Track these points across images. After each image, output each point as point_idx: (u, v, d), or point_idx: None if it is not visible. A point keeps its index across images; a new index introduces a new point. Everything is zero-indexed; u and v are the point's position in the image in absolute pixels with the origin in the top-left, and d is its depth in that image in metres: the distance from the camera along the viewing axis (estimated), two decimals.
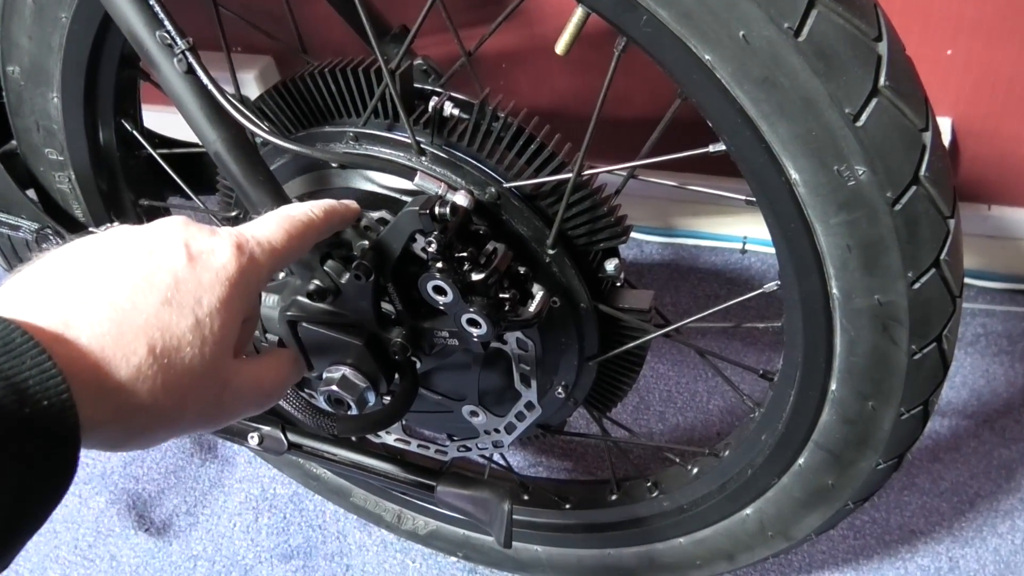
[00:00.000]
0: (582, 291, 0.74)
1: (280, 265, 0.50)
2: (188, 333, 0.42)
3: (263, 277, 0.48)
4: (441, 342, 0.72)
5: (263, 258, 0.47)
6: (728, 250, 1.48)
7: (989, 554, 1.08)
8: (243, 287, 0.45)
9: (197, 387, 0.43)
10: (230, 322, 0.44)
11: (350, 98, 0.73)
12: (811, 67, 0.54)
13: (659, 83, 1.11)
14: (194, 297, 0.43)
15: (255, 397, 0.49)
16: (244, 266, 0.46)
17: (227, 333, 0.44)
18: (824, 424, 0.74)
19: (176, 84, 0.64)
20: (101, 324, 0.39)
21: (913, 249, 0.60)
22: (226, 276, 0.44)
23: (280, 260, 0.49)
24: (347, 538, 1.20)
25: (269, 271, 0.48)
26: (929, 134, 0.57)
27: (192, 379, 0.42)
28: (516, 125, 0.71)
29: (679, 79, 0.60)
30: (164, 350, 0.41)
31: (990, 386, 1.24)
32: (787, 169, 0.59)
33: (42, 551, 1.22)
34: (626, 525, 0.97)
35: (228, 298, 0.44)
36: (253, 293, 0.47)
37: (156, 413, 0.41)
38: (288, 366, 0.54)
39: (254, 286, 0.47)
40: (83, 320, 0.39)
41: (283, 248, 0.50)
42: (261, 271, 0.47)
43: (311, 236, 0.53)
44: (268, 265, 0.48)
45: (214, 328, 0.43)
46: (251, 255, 0.47)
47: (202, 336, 0.42)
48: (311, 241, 0.54)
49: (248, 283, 0.46)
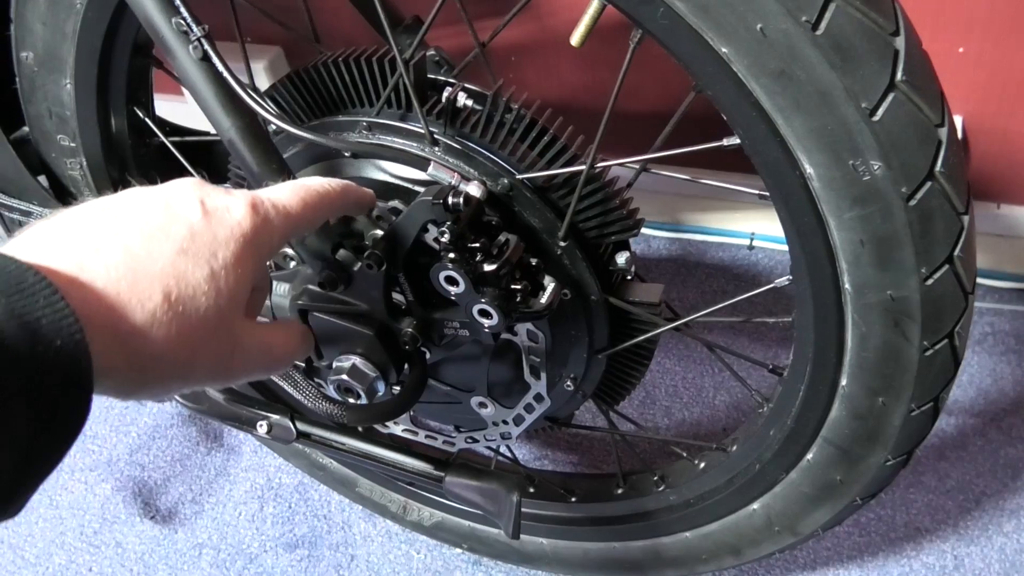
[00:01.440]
0: (593, 283, 0.74)
1: (293, 231, 0.50)
2: (203, 283, 0.42)
3: (276, 239, 0.48)
4: (451, 333, 0.72)
5: (277, 220, 0.47)
6: (736, 246, 1.48)
7: (994, 552, 1.08)
8: (256, 246, 0.45)
9: (210, 339, 0.42)
10: (243, 279, 0.44)
11: (363, 88, 0.73)
12: (828, 61, 0.54)
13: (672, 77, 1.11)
14: (209, 249, 0.43)
15: (264, 360, 0.49)
16: (258, 225, 0.46)
17: (240, 289, 0.44)
18: (833, 419, 0.74)
19: (191, 71, 0.64)
20: (116, 269, 0.39)
21: (927, 245, 0.60)
22: (240, 233, 0.44)
23: (293, 226, 0.49)
24: (352, 528, 1.20)
25: (282, 235, 0.48)
26: (945, 129, 0.57)
27: (206, 330, 0.42)
28: (529, 117, 0.71)
29: (694, 72, 0.60)
30: (179, 298, 0.40)
31: (997, 385, 1.24)
32: (802, 163, 0.59)
33: (48, 537, 1.23)
34: (632, 519, 0.97)
35: (242, 255, 0.44)
36: (265, 254, 0.47)
37: (169, 361, 0.41)
38: (298, 338, 0.54)
39: (266, 247, 0.47)
40: (98, 264, 0.39)
41: (297, 214, 0.49)
42: (274, 233, 0.47)
43: (325, 208, 0.53)
44: (281, 228, 0.48)
45: (228, 281, 0.43)
46: (265, 215, 0.47)
47: (216, 288, 0.42)
48: (325, 213, 0.54)
49: (261, 243, 0.46)
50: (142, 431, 1.35)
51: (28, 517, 1.26)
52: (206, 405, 0.85)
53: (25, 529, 1.24)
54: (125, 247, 0.40)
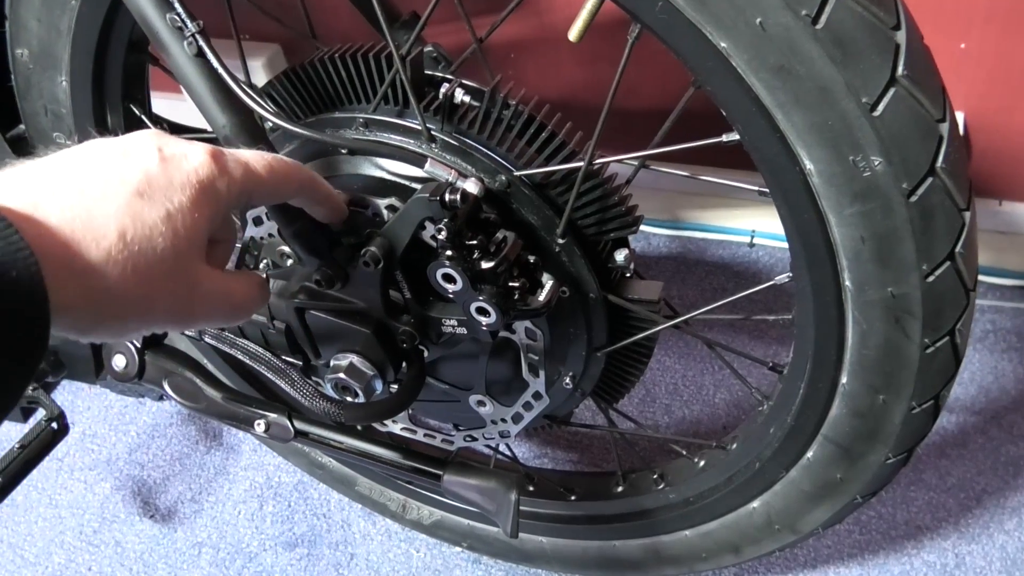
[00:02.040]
0: (591, 281, 0.73)
1: (254, 188, 0.49)
2: (159, 224, 0.42)
3: (235, 191, 0.48)
4: (449, 331, 0.71)
5: (237, 173, 0.48)
6: (736, 243, 1.47)
7: (996, 551, 1.07)
8: (214, 193, 0.46)
9: (167, 279, 0.43)
10: (200, 223, 0.45)
11: (360, 84, 0.73)
12: (828, 55, 0.53)
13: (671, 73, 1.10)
14: (165, 193, 0.43)
15: (224, 307, 0.49)
16: (216, 174, 0.46)
17: (198, 234, 0.44)
18: (834, 417, 0.73)
19: (186, 67, 0.63)
20: (71, 209, 0.40)
21: (928, 241, 0.59)
22: (197, 179, 0.45)
23: (255, 183, 0.49)
24: (351, 527, 1.20)
25: (242, 188, 0.48)
26: (946, 125, 0.57)
27: (162, 269, 0.42)
28: (527, 113, 0.71)
29: (693, 67, 0.59)
30: (135, 237, 0.41)
31: (998, 382, 1.24)
32: (802, 159, 0.58)
33: (47, 536, 1.22)
34: (632, 517, 0.97)
35: (198, 199, 0.44)
36: (224, 203, 0.47)
37: (125, 299, 0.41)
38: (257, 288, 0.54)
39: (225, 197, 0.47)
40: (53, 204, 0.39)
41: (259, 174, 0.50)
42: (233, 184, 0.47)
43: (292, 181, 0.53)
44: (241, 181, 0.48)
45: (185, 224, 0.43)
46: (225, 166, 0.47)
47: (173, 229, 0.43)
48: (290, 186, 0.54)
49: (219, 191, 0.46)
50: (141, 430, 1.35)
51: (27, 516, 1.25)
52: (204, 404, 0.85)
53: (24, 528, 1.24)
54: (80, 189, 0.41)
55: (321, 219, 0.61)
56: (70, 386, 1.41)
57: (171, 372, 0.84)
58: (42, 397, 1.09)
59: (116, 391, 1.38)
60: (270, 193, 0.52)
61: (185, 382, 0.83)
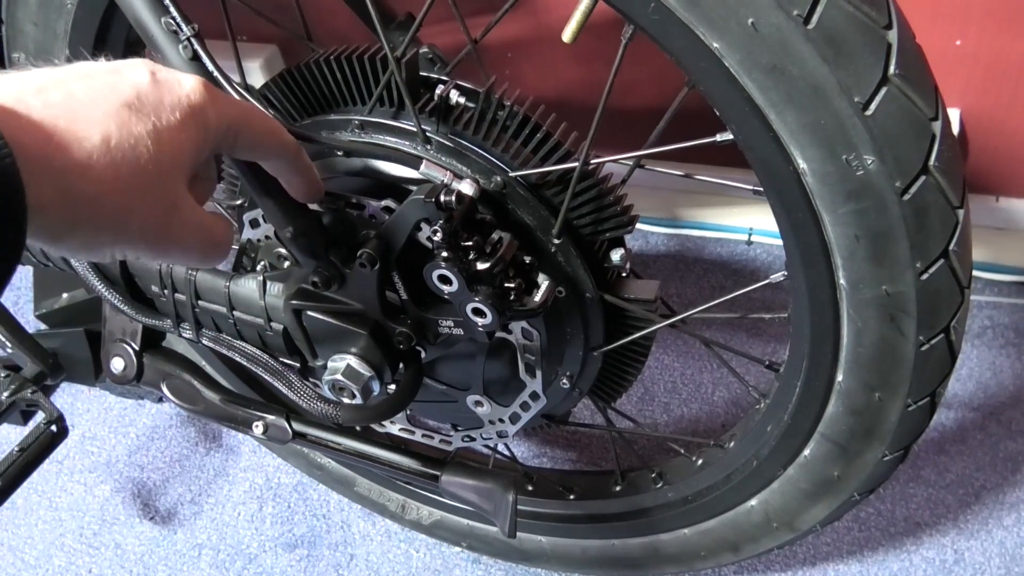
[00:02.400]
0: (587, 281, 0.73)
1: (241, 127, 0.49)
2: (145, 137, 0.42)
3: (223, 125, 0.47)
4: (446, 331, 0.72)
5: (226, 107, 0.47)
6: (734, 241, 1.47)
7: (995, 547, 1.08)
8: (203, 119, 0.45)
9: (146, 192, 0.42)
10: (187, 146, 0.44)
11: (355, 86, 0.73)
12: (820, 55, 0.53)
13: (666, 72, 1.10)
14: (154, 109, 0.43)
15: (201, 239, 0.48)
16: (206, 101, 0.45)
17: (184, 155, 0.44)
18: (830, 415, 0.73)
19: (181, 71, 0.63)
20: (56, 107, 0.39)
21: (922, 239, 0.59)
22: (187, 103, 0.44)
23: (243, 123, 0.49)
24: (351, 528, 1.20)
25: (230, 123, 0.48)
26: (939, 123, 0.57)
27: (143, 182, 0.42)
28: (522, 114, 0.71)
29: (686, 67, 0.59)
30: (118, 145, 0.40)
31: (996, 378, 1.24)
32: (795, 158, 0.58)
33: (47, 539, 1.23)
34: (631, 516, 0.97)
35: (186, 122, 0.44)
36: (212, 133, 0.46)
37: (102, 205, 0.40)
38: (231, 230, 0.52)
39: (214, 127, 0.46)
40: (37, 100, 0.39)
41: (248, 114, 0.50)
42: (223, 117, 0.47)
43: (277, 135, 0.53)
44: (231, 116, 0.48)
45: (172, 142, 0.43)
46: (216, 96, 0.47)
47: (158, 144, 0.42)
48: (275, 138, 0.53)
49: (208, 118, 0.46)
50: (141, 432, 1.35)
51: (27, 519, 1.26)
52: (202, 406, 0.85)
53: (24, 531, 1.24)
54: (68, 91, 0.40)
55: (297, 192, 0.59)
56: (69, 388, 1.41)
57: (169, 374, 0.84)
58: (41, 400, 1.09)
59: (116, 393, 1.38)
60: (255, 139, 0.51)
61: (183, 384, 0.84)
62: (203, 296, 0.77)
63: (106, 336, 0.87)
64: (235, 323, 0.76)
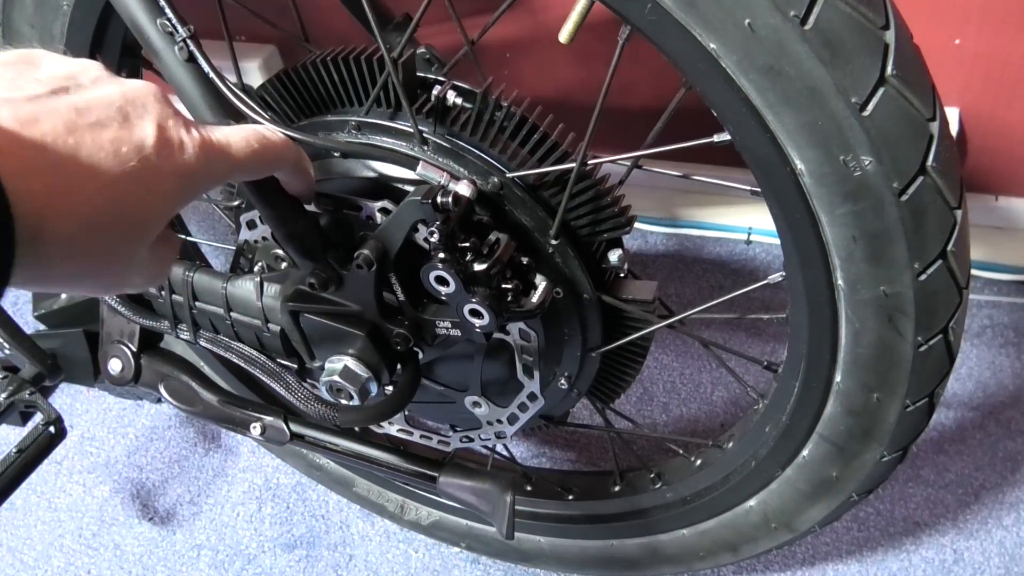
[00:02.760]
0: (585, 282, 0.73)
1: (232, 174, 0.50)
2: (133, 209, 0.41)
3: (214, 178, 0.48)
4: (443, 333, 0.71)
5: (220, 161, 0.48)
6: (733, 241, 1.47)
7: (994, 546, 1.07)
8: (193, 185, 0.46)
9: (114, 259, 0.42)
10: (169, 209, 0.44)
11: (352, 87, 0.73)
12: (817, 56, 0.53)
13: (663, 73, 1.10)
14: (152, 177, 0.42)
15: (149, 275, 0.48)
16: (204, 164, 0.46)
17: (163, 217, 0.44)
18: (828, 416, 0.73)
19: (177, 72, 0.63)
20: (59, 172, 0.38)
21: (919, 240, 0.59)
22: (186, 170, 0.45)
23: (233, 169, 0.50)
24: (350, 528, 1.20)
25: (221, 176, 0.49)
26: (936, 124, 0.57)
27: (119, 252, 0.42)
28: (519, 115, 0.71)
29: (683, 68, 0.59)
30: (103, 220, 0.40)
31: (996, 378, 1.24)
32: (792, 159, 0.58)
33: (46, 540, 1.23)
34: (629, 516, 0.97)
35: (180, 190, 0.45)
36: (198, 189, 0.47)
37: (68, 274, 0.40)
38: (174, 251, 0.53)
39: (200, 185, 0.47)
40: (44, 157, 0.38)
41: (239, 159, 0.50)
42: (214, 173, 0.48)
43: (269, 156, 0.53)
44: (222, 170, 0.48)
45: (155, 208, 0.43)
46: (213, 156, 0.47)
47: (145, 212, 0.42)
48: (267, 160, 0.54)
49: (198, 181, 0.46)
50: (139, 433, 1.35)
51: (26, 520, 1.26)
52: (200, 407, 0.85)
53: (23, 532, 1.24)
54: (75, 147, 0.39)
55: (294, 190, 0.61)
56: (68, 389, 1.41)
57: (167, 376, 0.84)
58: (40, 401, 1.09)
59: (114, 394, 1.38)
60: (247, 173, 0.53)
61: (181, 385, 0.84)
62: (200, 297, 0.77)
63: (104, 337, 0.87)
64: (232, 324, 0.76)
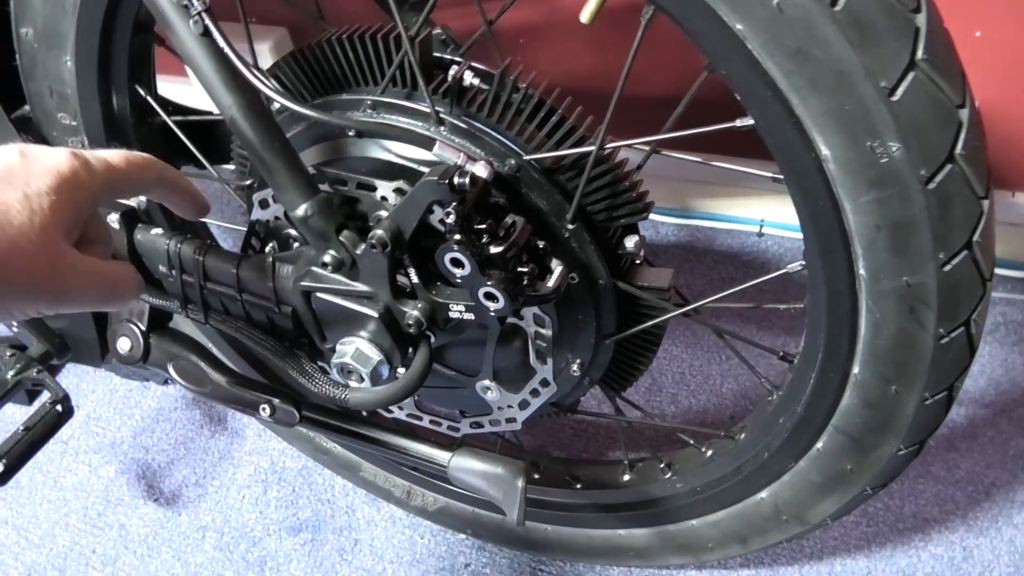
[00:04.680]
0: (601, 267, 0.72)
1: (116, 180, 0.53)
2: (16, 203, 0.46)
3: (96, 183, 0.51)
4: (456, 316, 0.71)
5: (97, 166, 0.51)
6: (745, 233, 1.46)
7: (1004, 544, 1.07)
8: (74, 183, 0.49)
9: (25, 253, 0.46)
10: (62, 205, 0.48)
11: (368, 66, 0.72)
12: (846, 38, 0.52)
13: (682, 59, 1.09)
14: (23, 179, 0.47)
15: (97, 284, 0.52)
16: (76, 167, 0.50)
17: (60, 215, 0.48)
18: (845, 408, 0.72)
19: (191, 47, 0.62)
20: None
21: (945, 230, 0.58)
22: (56, 170, 0.49)
23: (117, 176, 0.53)
24: (356, 513, 1.19)
25: (104, 181, 0.52)
26: (966, 111, 0.56)
27: (21, 243, 0.46)
28: (537, 97, 0.70)
29: (708, 50, 0.58)
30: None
31: (1008, 375, 1.22)
32: (817, 145, 0.57)
33: (52, 518, 1.23)
34: (638, 506, 0.96)
35: (58, 186, 0.48)
36: (87, 194, 0.50)
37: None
38: (132, 274, 0.57)
39: (87, 188, 0.50)
40: None
41: (120, 168, 0.53)
42: (95, 176, 0.51)
43: (152, 170, 0.57)
44: (103, 174, 0.52)
45: (44, 205, 0.47)
46: (84, 161, 0.50)
47: (31, 208, 0.47)
48: (150, 174, 0.57)
49: (80, 182, 0.50)
50: (146, 414, 1.35)
51: (32, 498, 1.25)
52: (209, 388, 0.84)
53: (29, 510, 1.24)
54: None
55: (182, 213, 0.62)
56: (75, 369, 1.41)
57: (176, 356, 0.83)
58: (47, 379, 1.09)
59: (121, 375, 1.37)
60: (132, 183, 0.56)
61: (190, 366, 0.83)
62: (211, 277, 0.76)
63: (113, 316, 0.86)
64: (244, 305, 0.75)
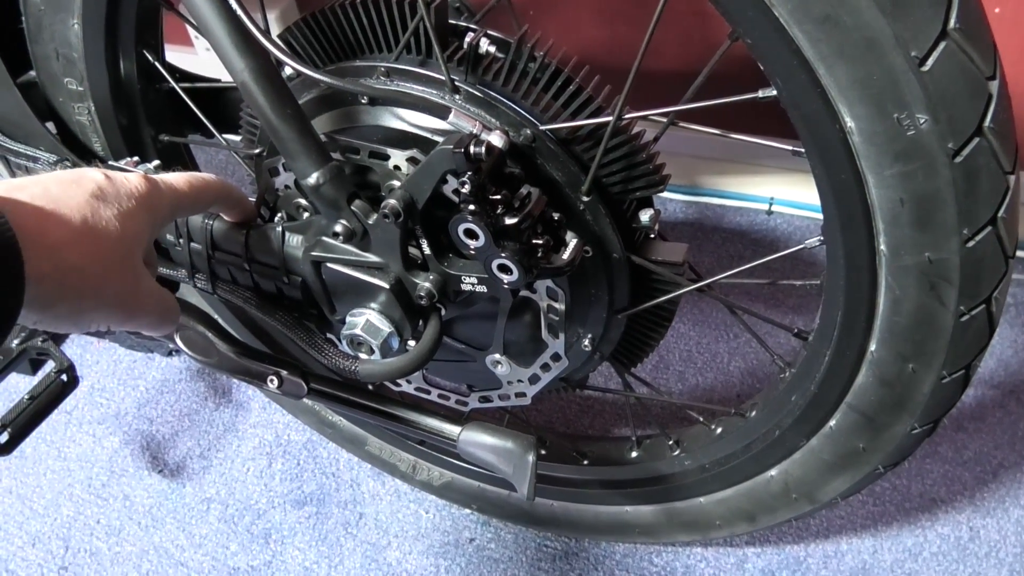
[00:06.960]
0: (615, 241, 0.71)
1: (180, 200, 0.60)
2: (112, 219, 0.51)
3: (165, 205, 0.58)
4: (468, 288, 0.70)
5: (166, 190, 0.58)
6: (754, 211, 1.45)
7: (1011, 525, 1.06)
8: (150, 204, 0.55)
9: (118, 264, 0.51)
10: (142, 227, 0.54)
11: (382, 32, 0.70)
12: (878, 5, 0.50)
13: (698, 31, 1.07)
14: (115, 198, 0.53)
15: (160, 307, 0.57)
16: (151, 189, 0.56)
17: (141, 235, 0.54)
18: (860, 386, 0.72)
19: (204, 9, 0.61)
20: (41, 198, 0.48)
21: (970, 205, 0.57)
22: (137, 192, 0.54)
23: (181, 196, 0.60)
24: (361, 486, 1.19)
25: (171, 203, 0.58)
26: (996, 83, 0.54)
27: (115, 255, 0.51)
28: (554, 66, 0.68)
29: (732, 17, 0.57)
30: (93, 226, 0.50)
31: (1018, 356, 1.22)
32: (842, 116, 0.56)
33: (56, 488, 1.22)
34: (645, 483, 0.96)
35: (139, 208, 0.54)
36: (159, 215, 0.57)
37: (85, 276, 0.49)
38: (176, 302, 0.61)
39: (159, 209, 0.57)
40: (23, 194, 0.48)
41: (183, 192, 0.60)
42: (164, 198, 0.58)
43: (211, 190, 0.64)
44: (170, 197, 0.58)
45: (131, 224, 0.53)
46: (156, 184, 0.57)
47: (123, 223, 0.52)
48: (210, 194, 0.64)
49: (153, 204, 0.56)
50: (150, 385, 1.34)
51: (36, 468, 1.25)
52: (216, 359, 0.83)
53: (33, 480, 1.24)
54: (44, 187, 0.49)
55: (233, 219, 0.71)
56: (79, 340, 1.40)
57: (183, 325, 0.83)
58: (52, 349, 1.08)
59: (125, 346, 1.37)
60: (193, 204, 0.62)
61: (197, 336, 0.82)
62: (220, 246, 0.75)
63: None
64: (252, 275, 0.74)
